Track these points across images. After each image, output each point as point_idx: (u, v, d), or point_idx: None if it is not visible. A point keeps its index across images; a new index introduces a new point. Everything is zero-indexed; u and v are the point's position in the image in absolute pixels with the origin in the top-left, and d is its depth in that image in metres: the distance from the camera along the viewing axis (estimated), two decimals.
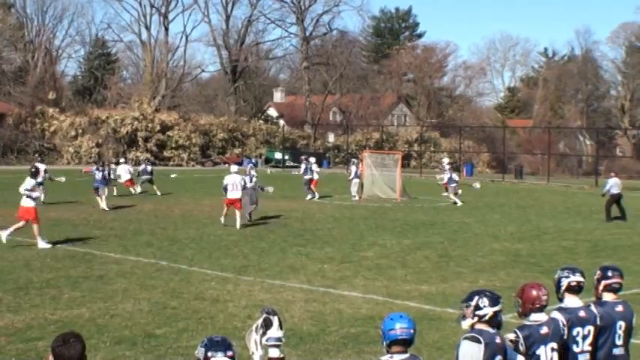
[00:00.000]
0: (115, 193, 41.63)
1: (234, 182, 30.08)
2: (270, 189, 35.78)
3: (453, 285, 18.97)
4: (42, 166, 37.17)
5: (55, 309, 15.53)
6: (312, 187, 43.72)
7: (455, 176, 44.44)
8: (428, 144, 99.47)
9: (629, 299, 9.66)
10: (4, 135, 76.50)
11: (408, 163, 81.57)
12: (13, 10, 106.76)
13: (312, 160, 45.63)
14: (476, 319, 7.59)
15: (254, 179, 32.57)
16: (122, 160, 50.05)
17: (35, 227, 24.06)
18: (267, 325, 6.69)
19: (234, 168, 31.97)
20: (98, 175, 36.65)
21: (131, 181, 43.85)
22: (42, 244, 23.79)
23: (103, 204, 35.76)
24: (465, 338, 7.46)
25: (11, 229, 24.25)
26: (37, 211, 24.39)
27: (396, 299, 17.23)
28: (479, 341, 7.36)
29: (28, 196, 24.24)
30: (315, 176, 44.36)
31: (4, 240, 23.99)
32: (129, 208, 36.42)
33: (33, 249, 23.22)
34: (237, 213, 29.81)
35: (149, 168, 45.66)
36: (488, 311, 7.54)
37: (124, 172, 44.10)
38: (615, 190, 35.66)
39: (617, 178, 36.50)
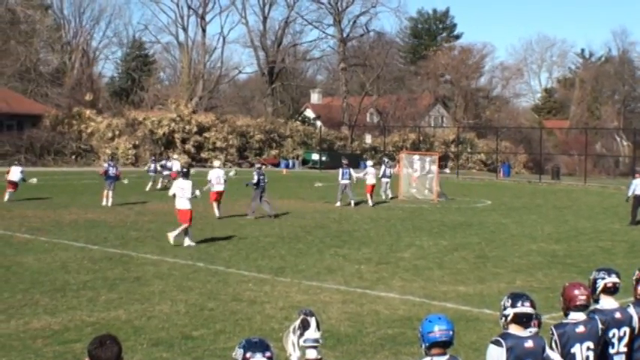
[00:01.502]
0: (159, 186, 43.33)
1: (217, 176, 33.47)
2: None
3: (490, 286, 18.88)
4: (19, 169, 39.01)
5: (92, 311, 15.56)
6: (368, 193, 41.29)
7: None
8: (465, 145, 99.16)
9: None
10: (41, 136, 76.93)
11: (445, 164, 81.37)
12: (51, 12, 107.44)
13: (370, 163, 44.74)
14: (502, 319, 7.58)
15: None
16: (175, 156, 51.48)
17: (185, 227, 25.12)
18: (304, 326, 6.66)
19: (216, 163, 36.68)
20: (112, 172, 38.09)
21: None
22: (187, 242, 25.03)
23: (109, 201, 37.31)
24: (491, 341, 7.51)
25: (178, 230, 25.17)
26: (191, 213, 25.51)
27: (433, 300, 17.15)
28: (501, 345, 7.37)
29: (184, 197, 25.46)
30: (371, 180, 41.59)
31: (172, 241, 24.80)
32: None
33: (70, 250, 23.31)
34: (215, 205, 33.22)
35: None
36: (510, 312, 7.52)
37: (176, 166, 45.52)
38: (639, 192, 34.16)
39: None
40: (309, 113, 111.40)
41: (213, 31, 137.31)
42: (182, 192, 25.33)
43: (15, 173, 41.34)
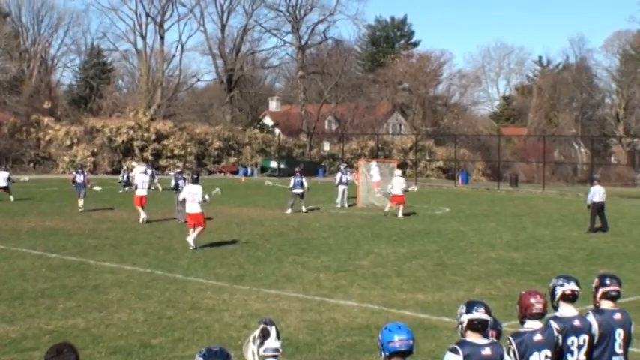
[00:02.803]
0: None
1: (143, 181, 34.93)
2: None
3: (449, 293, 18.95)
4: (6, 174, 39.59)
5: (50, 319, 15.49)
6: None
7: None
8: (423, 152, 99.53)
9: (626, 307, 9.66)
10: None
11: (403, 172, 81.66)
12: (9, 19, 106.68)
13: (398, 172, 42.61)
14: (459, 327, 7.61)
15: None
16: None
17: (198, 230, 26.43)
18: (264, 335, 6.67)
19: (141, 168, 38.52)
20: (79, 179, 39.50)
21: None
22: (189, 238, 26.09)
23: (81, 204, 38.58)
24: (448, 349, 7.53)
25: (194, 235, 26.05)
26: (203, 216, 26.90)
27: (391, 308, 17.20)
28: (457, 352, 7.38)
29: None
30: (397, 191, 40.08)
31: (193, 245, 25.86)
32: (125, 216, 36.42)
33: (28, 258, 23.17)
34: (140, 209, 34.01)
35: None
36: (464, 319, 7.54)
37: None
38: (598, 199, 34.31)
39: (600, 187, 35.03)
40: (268, 121, 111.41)
41: (172, 39, 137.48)
42: (193, 197, 26.33)
43: (2, 178, 41.47)
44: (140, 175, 35.31)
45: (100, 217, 35.51)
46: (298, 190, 40.43)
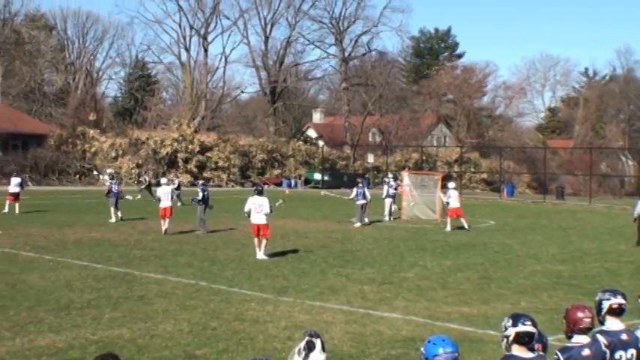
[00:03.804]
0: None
1: (165, 193, 34.96)
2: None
3: (494, 307, 18.81)
4: (17, 179, 40.05)
5: (96, 329, 15.55)
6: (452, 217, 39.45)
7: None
8: (468, 165, 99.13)
9: None
10: (45, 156, 77.11)
11: (447, 184, 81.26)
12: (55, 33, 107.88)
13: (452, 185, 42.08)
14: (504, 341, 7.51)
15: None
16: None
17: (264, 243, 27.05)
18: (309, 347, 6.64)
19: (164, 180, 37.82)
20: (114, 189, 40.05)
21: None
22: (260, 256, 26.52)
23: (115, 217, 39.08)
24: None
25: (262, 248, 26.85)
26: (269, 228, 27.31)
27: (436, 321, 17.11)
28: None
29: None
30: (455, 204, 39.54)
31: (264, 257, 26.52)
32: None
33: (74, 269, 23.31)
34: (167, 220, 33.94)
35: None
36: (510, 332, 7.44)
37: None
38: None
39: None
40: (312, 133, 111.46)
41: (216, 51, 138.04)
42: (260, 208, 26.80)
43: (14, 184, 41.69)
44: (163, 187, 35.48)
45: (144, 228, 35.65)
46: (362, 202, 40.32)
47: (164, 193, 34.67)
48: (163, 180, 36.85)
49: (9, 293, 19.16)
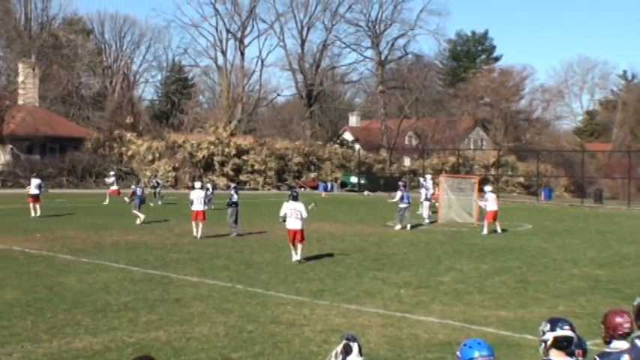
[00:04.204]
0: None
1: (198, 196, 34.54)
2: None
3: (531, 311, 18.69)
4: (37, 181, 40.40)
5: (132, 332, 15.60)
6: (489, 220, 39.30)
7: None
8: (505, 168, 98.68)
9: None
10: (82, 159, 77.67)
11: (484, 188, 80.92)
12: (92, 36, 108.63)
13: (489, 188, 42.18)
14: (542, 346, 7.44)
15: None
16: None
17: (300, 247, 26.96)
18: (346, 351, 6.62)
19: (197, 184, 37.04)
20: (138, 192, 41.09)
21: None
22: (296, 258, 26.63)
23: (140, 219, 39.55)
24: None
25: (299, 251, 26.88)
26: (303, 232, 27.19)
27: (473, 325, 17.02)
28: None
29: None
30: (493, 207, 39.56)
31: (300, 259, 26.71)
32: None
33: (111, 271, 23.42)
34: (200, 225, 33.65)
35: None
36: (548, 337, 7.36)
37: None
38: None
39: None
40: (348, 136, 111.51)
41: (252, 55, 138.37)
42: (297, 213, 26.70)
43: (34, 186, 41.98)
44: (196, 191, 35.27)
45: (181, 231, 35.74)
46: (405, 205, 40.17)
47: (197, 197, 34.51)
48: (197, 184, 36.81)
49: (46, 295, 19.27)
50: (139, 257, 26.80)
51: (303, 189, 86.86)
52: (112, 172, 55.92)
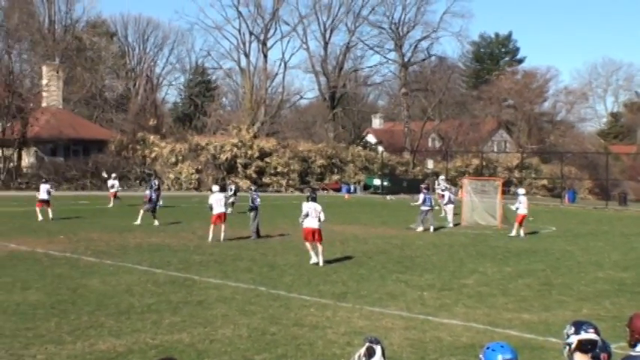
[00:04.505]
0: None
1: (218, 199, 34.10)
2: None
3: (555, 314, 18.62)
4: (46, 186, 40.66)
5: (155, 334, 15.62)
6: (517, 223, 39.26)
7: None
8: (528, 170, 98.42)
9: None
10: (106, 161, 77.94)
11: (508, 190, 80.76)
12: (115, 39, 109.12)
13: (522, 191, 41.54)
14: (566, 349, 7.39)
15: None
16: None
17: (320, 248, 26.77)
18: (370, 354, 6.61)
19: (215, 188, 35.94)
20: (154, 196, 40.97)
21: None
22: (317, 260, 26.38)
23: (157, 221, 39.76)
24: None
25: (320, 255, 26.58)
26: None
27: (496, 327, 16.96)
28: None
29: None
30: (523, 210, 39.16)
31: (321, 263, 26.40)
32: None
33: (134, 274, 23.48)
34: (223, 227, 33.38)
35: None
36: (573, 340, 7.32)
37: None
38: None
39: None
40: (371, 138, 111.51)
41: (275, 57, 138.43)
42: (317, 213, 26.59)
43: (43, 191, 42.12)
44: (214, 195, 34.62)
45: (203, 233, 35.72)
46: (427, 207, 40.18)
47: (216, 201, 34.09)
48: (215, 187, 36.55)
49: (70, 297, 19.33)
50: (162, 259, 26.84)
51: (325, 191, 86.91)
52: (113, 175, 56.08)
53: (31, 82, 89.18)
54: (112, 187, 54.56)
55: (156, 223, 39.33)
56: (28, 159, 79.60)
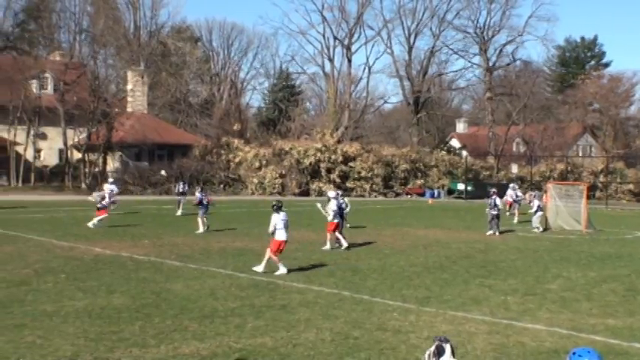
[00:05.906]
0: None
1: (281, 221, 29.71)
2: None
3: None
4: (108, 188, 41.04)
5: (239, 337, 15.74)
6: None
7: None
8: (614, 175, 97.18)
9: None
10: (190, 166, 78.75)
11: (593, 195, 79.80)
12: (200, 44, 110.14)
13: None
14: None
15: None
16: None
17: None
18: (439, 352, 6.67)
19: (332, 193, 34.50)
20: (204, 201, 40.29)
21: None
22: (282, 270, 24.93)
23: (203, 227, 38.84)
24: None
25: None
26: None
27: (580, 333, 16.81)
28: None
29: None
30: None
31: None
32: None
33: (218, 277, 23.68)
34: (328, 235, 32.68)
35: None
36: None
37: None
38: None
39: None
40: (455, 143, 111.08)
41: (359, 62, 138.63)
42: (286, 223, 25.79)
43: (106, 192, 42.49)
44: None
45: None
46: (496, 212, 40.18)
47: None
48: (332, 193, 35.01)
49: (154, 301, 19.56)
50: (246, 264, 26.97)
51: (409, 196, 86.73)
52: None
53: (117, 88, 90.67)
54: (183, 193, 52.28)
55: (200, 229, 38.80)
56: (113, 163, 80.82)
